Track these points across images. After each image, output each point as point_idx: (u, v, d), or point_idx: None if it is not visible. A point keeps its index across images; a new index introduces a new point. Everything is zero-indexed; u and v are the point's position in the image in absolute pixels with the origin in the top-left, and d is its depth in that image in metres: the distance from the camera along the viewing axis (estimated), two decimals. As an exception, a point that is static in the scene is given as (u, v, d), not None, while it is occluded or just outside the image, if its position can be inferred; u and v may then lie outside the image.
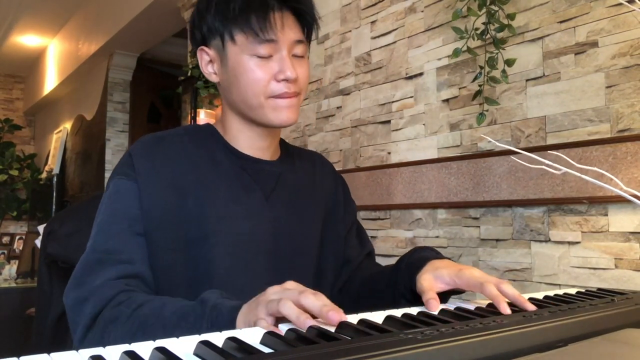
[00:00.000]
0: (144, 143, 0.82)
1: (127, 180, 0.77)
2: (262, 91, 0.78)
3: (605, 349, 0.45)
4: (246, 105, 0.81)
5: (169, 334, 0.61)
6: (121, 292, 0.70)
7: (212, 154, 0.83)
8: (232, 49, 0.79)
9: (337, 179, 1.00)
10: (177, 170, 0.79)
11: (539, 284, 1.28)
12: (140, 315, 0.66)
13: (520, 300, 0.61)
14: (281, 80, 0.78)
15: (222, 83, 0.84)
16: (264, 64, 0.78)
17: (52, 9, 4.54)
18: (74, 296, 0.72)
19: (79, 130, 4.93)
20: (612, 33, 1.17)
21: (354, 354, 0.38)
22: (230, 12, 0.78)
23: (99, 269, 0.72)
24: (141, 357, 0.41)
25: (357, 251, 0.95)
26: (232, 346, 0.44)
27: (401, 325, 0.55)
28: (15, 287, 3.46)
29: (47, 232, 0.95)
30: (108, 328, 0.67)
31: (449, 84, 1.53)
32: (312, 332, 0.49)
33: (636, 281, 1.11)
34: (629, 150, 1.12)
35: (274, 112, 0.80)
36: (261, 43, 0.77)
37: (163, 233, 0.76)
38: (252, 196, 0.83)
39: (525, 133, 1.33)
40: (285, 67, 0.78)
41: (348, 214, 0.97)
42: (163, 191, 0.77)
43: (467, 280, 0.67)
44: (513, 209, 1.34)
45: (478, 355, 0.42)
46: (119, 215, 0.76)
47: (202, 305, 0.62)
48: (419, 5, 1.63)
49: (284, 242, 0.84)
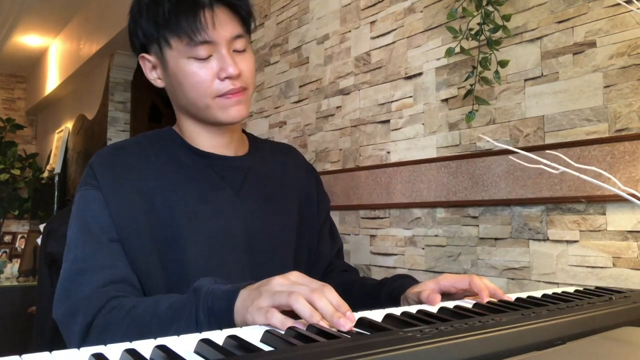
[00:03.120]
0: (102, 155, 0.81)
1: (93, 189, 0.77)
2: (208, 92, 0.77)
3: (604, 347, 0.45)
4: (194, 107, 0.80)
5: (167, 328, 0.61)
6: (112, 299, 0.69)
7: (175, 156, 0.82)
8: (170, 53, 0.77)
9: (310, 171, 0.99)
10: (140, 177, 0.78)
11: (538, 283, 1.28)
12: (135, 316, 0.65)
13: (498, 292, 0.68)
14: (224, 79, 0.77)
15: (167, 87, 0.82)
16: (204, 64, 0.76)
17: (54, 9, 4.54)
18: (63, 310, 0.70)
19: (81, 129, 4.93)
20: (610, 33, 1.18)
21: (353, 352, 0.38)
22: (160, 16, 0.76)
23: (83, 279, 0.71)
24: (142, 355, 0.41)
25: (329, 247, 0.95)
26: (233, 344, 0.45)
27: (400, 323, 0.55)
28: (17, 285, 3.47)
29: (47, 232, 0.96)
30: (103, 334, 0.66)
31: (447, 83, 1.53)
32: (312, 330, 0.50)
33: (634, 280, 1.11)
34: (627, 150, 1.13)
35: (222, 111, 0.79)
36: (197, 45, 0.75)
37: (136, 240, 0.75)
38: (220, 194, 0.82)
39: (524, 132, 1.33)
40: (226, 64, 0.76)
41: (322, 209, 0.97)
42: (128, 198, 0.76)
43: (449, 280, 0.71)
44: (511, 208, 1.35)
45: (477, 353, 0.43)
46: (89, 224, 0.75)
47: (196, 293, 0.61)
48: (418, 5, 1.63)
49: (260, 236, 0.84)
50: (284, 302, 0.54)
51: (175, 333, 0.59)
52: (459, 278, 0.71)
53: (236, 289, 0.59)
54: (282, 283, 0.57)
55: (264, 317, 0.54)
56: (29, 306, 3.17)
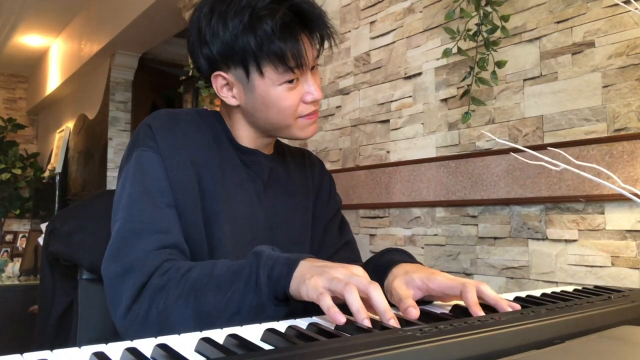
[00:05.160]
0: (162, 117, 0.80)
1: (152, 152, 0.76)
2: (293, 115, 0.79)
3: (602, 345, 0.45)
4: (273, 127, 0.81)
5: (225, 290, 0.60)
6: (166, 261, 0.68)
7: (219, 139, 0.83)
8: (260, 81, 0.76)
9: (324, 172, 1.01)
10: (193, 146, 0.78)
11: (537, 282, 1.29)
12: (190, 278, 0.64)
13: (500, 304, 0.59)
14: (309, 102, 0.79)
15: (244, 107, 0.81)
16: (293, 88, 0.77)
17: (55, 9, 4.55)
18: (114, 269, 0.68)
19: (82, 129, 4.94)
20: (608, 33, 1.18)
21: (353, 350, 0.38)
22: (256, 41, 0.72)
23: (137, 239, 0.70)
24: (143, 354, 0.41)
25: (335, 240, 0.95)
26: (233, 343, 0.45)
27: (400, 322, 0.55)
28: (19, 284, 3.48)
29: (49, 231, 0.96)
30: (157, 296, 0.64)
31: (447, 83, 1.54)
32: (313, 329, 0.50)
33: (633, 279, 1.12)
34: (625, 149, 1.13)
35: (301, 130, 0.81)
36: (291, 73, 0.75)
37: (188, 210, 0.75)
38: (252, 185, 0.84)
39: (523, 132, 1.34)
40: (312, 89, 0.78)
41: (331, 205, 0.98)
42: (184, 167, 0.76)
43: (441, 285, 0.63)
44: (511, 207, 1.35)
45: (476, 352, 0.43)
46: (148, 186, 0.74)
47: (257, 257, 0.61)
48: (418, 5, 1.64)
49: (279, 231, 0.85)
50: (339, 290, 0.54)
51: (233, 294, 0.60)
52: (450, 285, 0.62)
53: (298, 258, 0.60)
54: (343, 273, 0.57)
55: (317, 297, 0.54)
56: (30, 305, 3.18)
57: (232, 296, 0.61)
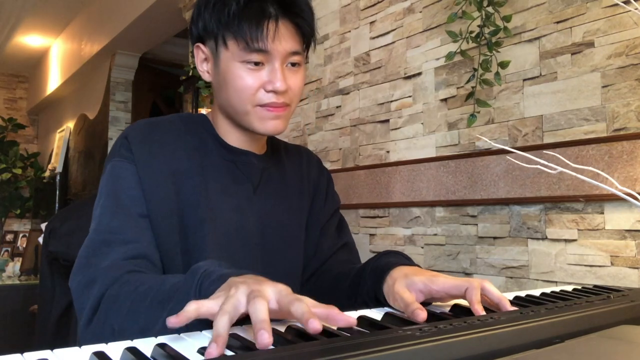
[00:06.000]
0: (138, 128, 0.80)
1: (126, 162, 0.76)
2: (250, 99, 0.77)
3: (602, 345, 0.45)
4: (233, 110, 0.80)
5: (164, 307, 0.58)
6: (127, 273, 0.67)
7: (204, 143, 0.83)
8: (224, 53, 0.77)
9: (322, 170, 0.99)
10: (173, 157, 0.78)
11: (536, 281, 1.29)
12: (140, 293, 0.63)
13: (503, 303, 0.59)
14: (270, 91, 0.76)
15: (213, 83, 0.83)
16: (255, 71, 0.76)
17: (56, 9, 4.56)
18: (79, 279, 0.69)
19: (82, 129, 4.95)
20: (608, 33, 1.18)
21: (353, 350, 0.38)
22: (225, 15, 0.75)
23: (106, 250, 0.70)
24: (144, 354, 0.41)
25: (332, 242, 0.94)
26: (233, 342, 0.45)
27: (400, 322, 0.56)
28: (19, 284, 3.48)
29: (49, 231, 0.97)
30: (111, 310, 0.64)
31: (446, 83, 1.54)
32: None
33: (632, 278, 1.12)
34: (625, 149, 1.13)
35: (260, 121, 0.79)
36: (252, 52, 0.75)
37: (163, 221, 0.75)
38: (240, 189, 0.83)
39: (522, 132, 1.34)
40: (275, 78, 0.76)
41: (329, 205, 0.96)
42: (160, 177, 0.76)
43: (443, 285, 0.62)
44: (510, 207, 1.35)
45: (476, 351, 0.43)
46: (120, 196, 0.74)
47: (193, 274, 0.59)
48: (418, 5, 1.64)
49: (273, 234, 0.84)
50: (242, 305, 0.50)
51: (170, 313, 0.55)
52: (455, 284, 0.62)
53: (231, 274, 0.57)
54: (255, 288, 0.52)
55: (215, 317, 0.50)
56: (31, 305, 3.18)
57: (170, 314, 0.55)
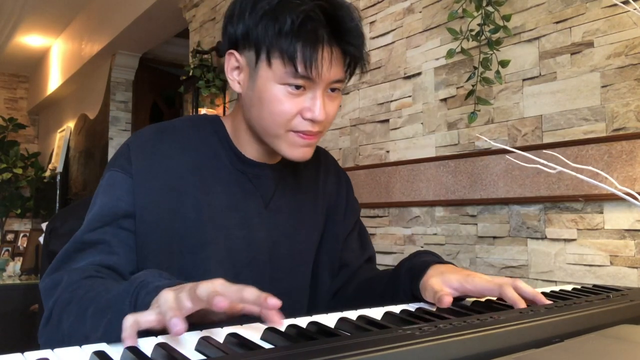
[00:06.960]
0: (144, 137, 0.77)
1: (123, 173, 0.74)
2: (285, 124, 0.72)
3: (601, 344, 0.45)
4: (263, 130, 0.75)
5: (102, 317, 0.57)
6: (85, 278, 0.66)
7: (215, 151, 0.79)
8: (265, 70, 0.71)
9: (340, 176, 0.96)
10: (176, 170, 0.75)
11: (535, 281, 1.29)
12: (87, 299, 0.61)
13: (538, 297, 0.61)
14: (307, 119, 0.72)
15: (244, 96, 0.77)
16: (295, 97, 0.71)
17: (56, 9, 4.56)
18: (47, 282, 0.68)
19: (82, 129, 4.95)
20: (607, 33, 1.18)
21: (353, 349, 0.38)
22: (274, 31, 0.68)
23: (78, 257, 0.69)
24: (144, 354, 0.41)
25: (357, 255, 0.91)
26: (233, 342, 0.45)
27: (399, 321, 0.56)
28: (20, 283, 3.49)
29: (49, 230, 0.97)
30: (64, 312, 0.62)
31: (446, 83, 1.54)
32: (313, 327, 0.50)
33: (631, 278, 1.12)
34: (624, 149, 1.13)
35: (289, 147, 0.74)
36: (298, 77, 0.69)
37: (157, 237, 0.73)
38: (250, 204, 0.79)
39: (522, 132, 1.34)
40: (315, 107, 0.71)
41: (349, 216, 0.93)
42: (158, 192, 0.74)
43: (478, 286, 0.64)
44: (510, 206, 1.35)
45: (475, 350, 0.43)
46: (109, 207, 0.72)
47: (131, 284, 0.58)
48: (417, 6, 1.64)
49: (283, 249, 0.81)
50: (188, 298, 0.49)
51: (108, 324, 0.55)
52: (489, 287, 0.63)
53: (167, 285, 0.54)
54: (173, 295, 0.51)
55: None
56: (31, 304, 3.19)
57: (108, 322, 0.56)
